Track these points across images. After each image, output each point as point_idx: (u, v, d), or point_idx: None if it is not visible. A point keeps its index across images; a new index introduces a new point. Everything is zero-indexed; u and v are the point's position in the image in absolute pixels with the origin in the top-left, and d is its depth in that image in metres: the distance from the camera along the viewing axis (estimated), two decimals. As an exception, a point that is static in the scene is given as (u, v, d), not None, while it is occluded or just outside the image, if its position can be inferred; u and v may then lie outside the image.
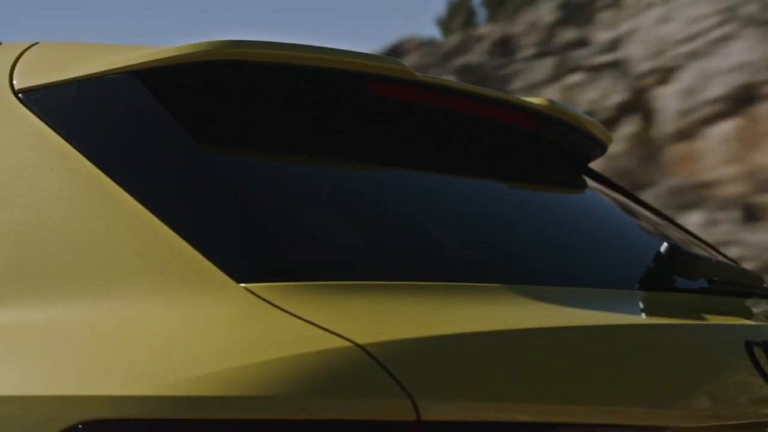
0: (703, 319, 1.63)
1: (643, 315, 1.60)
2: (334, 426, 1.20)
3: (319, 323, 1.26)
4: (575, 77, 14.31)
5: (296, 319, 1.27)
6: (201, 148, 1.50)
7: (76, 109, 1.58)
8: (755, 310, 1.83)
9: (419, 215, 1.70)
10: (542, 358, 1.33)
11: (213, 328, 1.30)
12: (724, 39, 12.16)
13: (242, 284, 1.33)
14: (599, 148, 2.27)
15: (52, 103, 1.59)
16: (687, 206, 11.58)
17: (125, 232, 1.42)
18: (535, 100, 2.06)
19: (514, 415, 1.26)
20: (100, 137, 1.53)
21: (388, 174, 1.81)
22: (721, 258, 1.92)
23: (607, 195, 2.21)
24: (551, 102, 2.07)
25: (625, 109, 13.31)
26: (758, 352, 1.59)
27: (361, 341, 1.23)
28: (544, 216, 1.94)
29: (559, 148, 2.15)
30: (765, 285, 1.96)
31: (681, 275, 1.71)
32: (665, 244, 1.71)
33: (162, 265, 1.38)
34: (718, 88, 12.14)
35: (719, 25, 12.26)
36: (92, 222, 1.45)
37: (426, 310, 1.36)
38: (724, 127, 12.14)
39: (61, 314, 1.38)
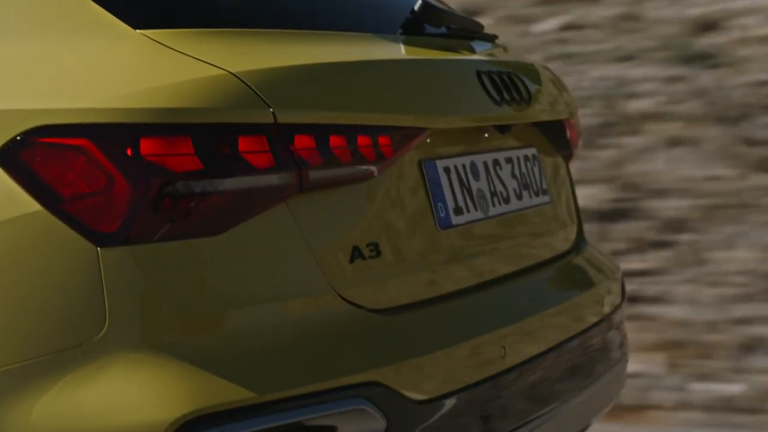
0: (449, 54, 2.30)
1: (409, 51, 2.25)
2: (213, 128, 1.76)
3: (203, 59, 1.81)
4: None
5: (184, 56, 1.82)
6: None
7: None
8: (480, 48, 2.53)
9: None
10: (357, 81, 1.97)
11: (122, 62, 1.83)
12: None
13: (139, 30, 1.85)
14: None
15: None
16: None
17: None
18: None
19: (340, 119, 1.91)
20: None
21: None
22: (452, 9, 2.58)
23: None
24: None
25: None
26: (485, 78, 2.28)
27: (233, 70, 1.80)
28: None
29: None
30: (485, 31, 2.65)
31: (429, 23, 2.38)
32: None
33: (67, 16, 1.87)
34: None
35: None
36: None
37: (282, 49, 1.95)
38: None
39: None
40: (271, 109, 1.80)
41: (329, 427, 1.79)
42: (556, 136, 2.73)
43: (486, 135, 2.39)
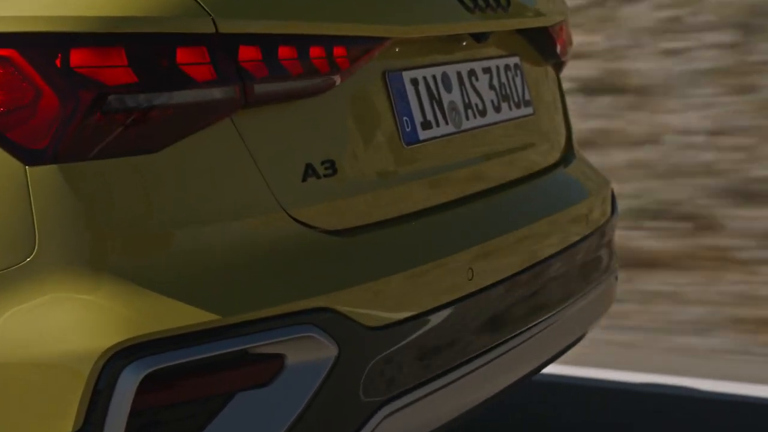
0: None
1: None
2: (149, 38, 1.65)
3: None
4: None
5: None
6: None
7: None
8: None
9: None
10: None
11: None
12: None
13: None
14: None
15: None
16: None
17: None
18: None
19: (289, 29, 1.78)
20: None
21: None
22: None
23: None
24: None
25: None
26: None
27: None
28: None
29: None
30: None
31: None
32: None
33: None
34: None
35: None
36: None
37: None
38: None
39: None
40: (212, 18, 1.68)
41: (276, 355, 1.71)
42: (543, 44, 2.58)
43: (463, 44, 2.26)
